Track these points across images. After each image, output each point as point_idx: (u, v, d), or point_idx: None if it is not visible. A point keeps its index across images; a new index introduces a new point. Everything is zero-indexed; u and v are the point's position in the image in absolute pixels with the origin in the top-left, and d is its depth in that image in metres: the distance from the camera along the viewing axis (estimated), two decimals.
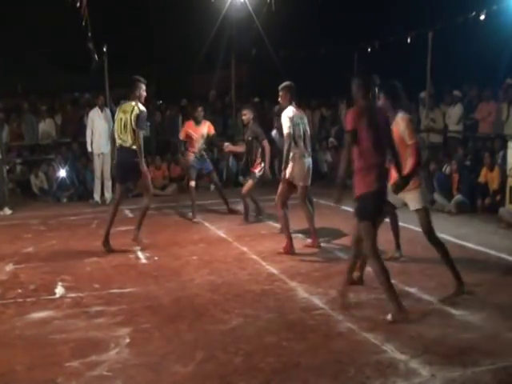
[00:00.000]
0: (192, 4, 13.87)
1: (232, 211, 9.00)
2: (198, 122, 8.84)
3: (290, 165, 6.54)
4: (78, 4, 9.99)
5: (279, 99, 6.94)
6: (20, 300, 5.24)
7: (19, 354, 4.08)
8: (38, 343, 4.26)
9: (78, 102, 14.22)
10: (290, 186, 6.64)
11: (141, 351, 4.06)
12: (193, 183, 8.69)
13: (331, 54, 14.09)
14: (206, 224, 8.41)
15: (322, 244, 6.93)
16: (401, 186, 4.83)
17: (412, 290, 5.23)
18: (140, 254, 6.71)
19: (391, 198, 5.19)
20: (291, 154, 6.53)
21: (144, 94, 6.79)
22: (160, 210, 9.51)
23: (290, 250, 6.54)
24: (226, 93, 14.44)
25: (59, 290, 5.48)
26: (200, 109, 8.93)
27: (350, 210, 9.01)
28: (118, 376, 3.71)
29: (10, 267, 6.37)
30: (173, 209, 9.75)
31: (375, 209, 4.54)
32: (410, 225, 7.99)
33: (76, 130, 12.35)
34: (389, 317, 4.45)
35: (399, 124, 5.08)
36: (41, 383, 3.67)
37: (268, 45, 13.52)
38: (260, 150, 8.07)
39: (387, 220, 5.96)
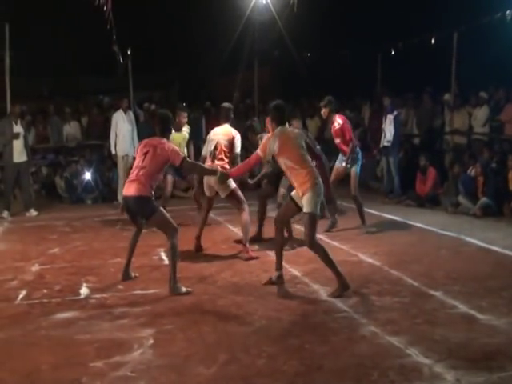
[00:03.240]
0: (215, 7, 13.93)
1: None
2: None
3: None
4: (104, 8, 10.09)
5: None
6: (45, 300, 5.31)
7: (45, 353, 4.13)
8: (63, 343, 4.31)
9: (102, 104, 14.37)
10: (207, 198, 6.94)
11: (164, 352, 4.09)
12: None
13: (355, 56, 14.02)
14: (229, 226, 8.43)
15: (345, 247, 6.90)
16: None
17: (436, 293, 5.17)
18: (163, 256, 6.75)
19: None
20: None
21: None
22: (183, 211, 9.55)
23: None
24: (248, 95, 14.47)
25: (84, 291, 5.55)
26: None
27: (375, 213, 9.09)
28: (141, 377, 3.74)
29: (35, 268, 6.46)
30: (195, 211, 9.77)
31: None
32: (433, 227, 7.96)
33: (101, 133, 12.48)
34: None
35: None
36: (66, 383, 3.70)
37: (291, 46, 13.50)
38: None
39: None
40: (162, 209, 5.60)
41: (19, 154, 9.97)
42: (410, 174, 10.33)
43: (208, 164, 6.68)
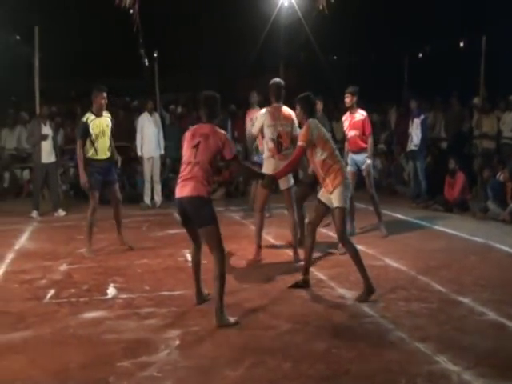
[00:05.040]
0: (241, 9, 13.98)
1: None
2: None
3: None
4: (131, 11, 10.18)
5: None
6: (73, 300, 5.37)
7: (73, 352, 4.18)
8: (90, 342, 4.36)
9: (129, 106, 14.51)
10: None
11: (191, 354, 4.10)
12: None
13: (381, 59, 13.95)
14: (253, 227, 8.42)
15: (371, 251, 6.86)
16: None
17: (465, 300, 5.11)
18: (189, 258, 6.76)
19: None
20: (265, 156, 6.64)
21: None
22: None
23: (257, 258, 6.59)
24: None
25: (111, 291, 5.60)
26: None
27: (400, 216, 9.02)
28: (168, 377, 3.76)
29: (64, 267, 6.54)
30: (220, 213, 9.78)
31: None
32: (461, 233, 7.86)
33: (128, 135, 12.59)
34: None
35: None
36: (93, 382, 3.74)
37: (317, 49, 13.48)
38: None
39: None
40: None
41: (48, 154, 10.14)
42: (437, 178, 10.22)
43: (271, 154, 6.45)
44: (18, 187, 12.73)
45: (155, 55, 13.02)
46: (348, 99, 7.65)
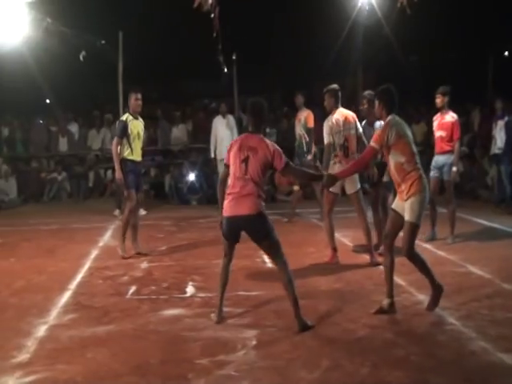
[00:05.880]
0: (319, 10, 13.91)
1: None
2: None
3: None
4: (212, 15, 10.34)
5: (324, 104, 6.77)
6: (154, 297, 5.53)
7: (153, 347, 4.30)
8: (170, 339, 4.46)
9: (208, 108, 14.78)
10: (331, 195, 6.56)
11: (267, 354, 4.12)
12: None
13: (464, 59, 13.51)
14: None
15: (452, 257, 6.65)
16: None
17: None
18: (266, 259, 6.81)
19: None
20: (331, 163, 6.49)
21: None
22: (285, 215, 9.59)
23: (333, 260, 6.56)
24: (351, 100, 14.28)
25: (190, 289, 5.73)
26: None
27: (485, 223, 8.68)
28: (245, 377, 3.79)
29: (144, 265, 6.74)
30: (297, 215, 9.81)
31: None
32: None
33: (206, 136, 12.83)
34: None
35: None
36: (173, 377, 3.83)
37: (398, 50, 13.22)
38: None
39: None
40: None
41: None
42: None
43: (339, 160, 6.43)
44: (102, 187, 13.27)
45: (234, 58, 13.17)
46: (439, 100, 7.44)
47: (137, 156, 7.18)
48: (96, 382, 3.78)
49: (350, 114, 6.61)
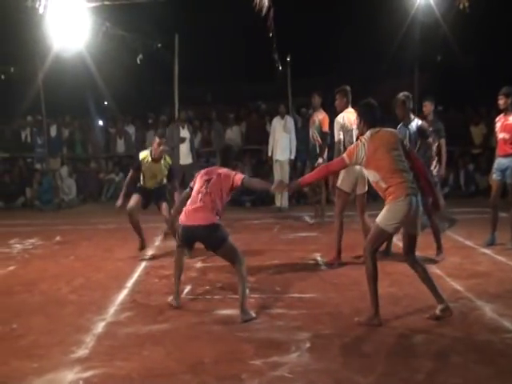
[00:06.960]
0: (376, 9, 13.73)
1: None
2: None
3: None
4: (265, 15, 10.37)
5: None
6: (208, 297, 5.59)
7: (207, 347, 4.34)
8: (223, 339, 4.49)
9: (260, 110, 14.84)
10: (344, 194, 6.54)
11: (321, 357, 4.09)
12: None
13: None
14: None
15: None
16: None
17: None
18: (320, 261, 6.78)
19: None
20: None
21: None
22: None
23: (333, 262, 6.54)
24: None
25: None
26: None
27: None
28: (298, 379, 3.78)
29: (199, 265, 6.82)
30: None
31: None
32: None
33: (260, 138, 12.89)
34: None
35: None
36: (226, 377, 3.85)
37: (456, 50, 12.90)
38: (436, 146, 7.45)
39: None
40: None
41: (185, 156, 10.67)
42: None
43: None
44: None
45: (288, 59, 13.16)
46: (502, 101, 7.21)
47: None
48: (151, 380, 3.84)
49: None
